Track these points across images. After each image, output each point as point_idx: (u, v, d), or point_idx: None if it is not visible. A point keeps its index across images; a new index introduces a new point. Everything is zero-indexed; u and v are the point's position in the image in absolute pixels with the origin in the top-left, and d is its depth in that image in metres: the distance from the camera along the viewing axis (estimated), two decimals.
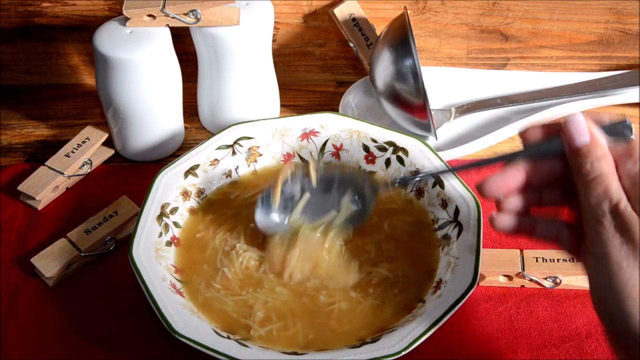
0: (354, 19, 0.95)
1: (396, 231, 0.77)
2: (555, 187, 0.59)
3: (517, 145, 0.60)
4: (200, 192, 0.80)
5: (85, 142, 0.88)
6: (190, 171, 0.80)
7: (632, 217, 0.51)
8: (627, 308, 0.50)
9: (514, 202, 0.58)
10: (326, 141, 0.84)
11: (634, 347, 0.50)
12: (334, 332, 0.69)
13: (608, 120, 0.57)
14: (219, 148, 0.81)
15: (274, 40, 0.95)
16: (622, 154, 0.54)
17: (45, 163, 0.86)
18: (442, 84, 0.96)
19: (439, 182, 0.78)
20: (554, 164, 0.58)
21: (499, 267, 0.75)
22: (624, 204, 0.52)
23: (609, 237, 0.52)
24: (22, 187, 0.84)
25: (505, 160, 0.59)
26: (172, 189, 0.78)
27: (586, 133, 0.55)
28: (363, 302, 0.71)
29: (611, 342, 0.54)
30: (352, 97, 0.94)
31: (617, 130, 0.56)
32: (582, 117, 0.56)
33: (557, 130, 0.57)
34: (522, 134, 0.59)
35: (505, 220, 0.59)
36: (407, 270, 0.74)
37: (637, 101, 0.94)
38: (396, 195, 0.81)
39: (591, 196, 0.53)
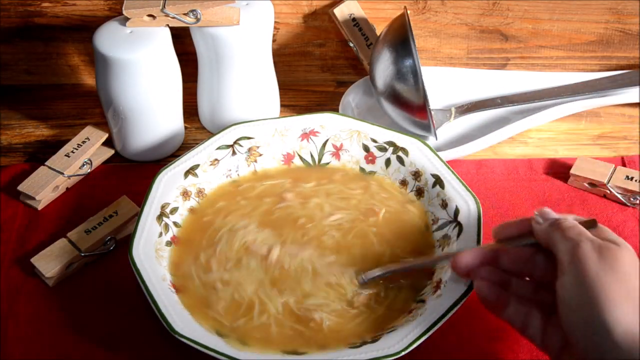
0: (354, 19, 0.95)
1: (396, 230, 0.77)
2: (523, 279, 0.65)
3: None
4: (200, 192, 0.80)
5: (85, 142, 0.88)
6: (190, 171, 0.80)
7: (607, 243, 0.58)
8: (603, 308, 0.54)
9: (486, 273, 0.65)
10: (326, 141, 0.84)
11: (606, 345, 0.54)
12: (333, 332, 0.69)
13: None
14: (219, 148, 0.81)
15: (274, 40, 0.95)
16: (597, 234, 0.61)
17: (45, 163, 0.86)
18: (442, 84, 0.96)
19: (439, 182, 0.78)
20: (523, 251, 0.64)
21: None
22: (598, 240, 0.58)
23: (586, 254, 0.57)
24: (22, 187, 0.84)
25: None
26: (172, 189, 0.78)
27: (555, 214, 0.63)
28: (363, 302, 0.71)
29: (589, 351, 0.56)
30: (352, 97, 0.94)
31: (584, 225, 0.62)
32: (548, 209, 0.63)
33: (527, 228, 0.64)
34: (496, 233, 0.66)
35: (484, 288, 0.64)
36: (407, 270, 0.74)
37: (637, 101, 0.94)
38: (398, 195, 0.81)
39: (569, 234, 0.59)
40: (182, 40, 0.92)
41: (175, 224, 0.77)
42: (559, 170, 0.88)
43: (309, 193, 0.80)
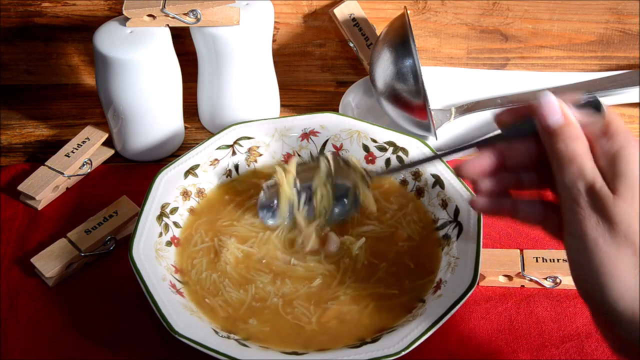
0: (354, 19, 0.95)
1: (397, 230, 0.77)
2: (533, 169, 0.59)
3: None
4: (200, 192, 0.80)
5: (85, 142, 0.88)
6: (190, 171, 0.80)
7: (608, 196, 0.51)
8: (604, 284, 0.51)
9: (489, 183, 0.59)
10: (326, 141, 0.84)
11: (612, 320, 0.51)
12: (333, 332, 0.69)
13: (579, 99, 0.57)
14: (219, 148, 0.81)
15: (274, 40, 0.95)
16: (596, 133, 0.54)
17: (45, 163, 0.86)
18: (442, 84, 0.96)
19: (439, 182, 0.78)
20: (529, 146, 0.58)
21: (499, 267, 0.75)
22: (600, 183, 0.52)
23: (584, 215, 0.52)
24: (22, 187, 0.84)
25: (485, 144, 0.60)
26: (172, 189, 0.78)
27: (558, 112, 0.55)
28: (363, 302, 0.71)
29: (595, 319, 0.55)
30: (352, 97, 0.94)
31: (588, 108, 0.56)
32: (553, 97, 0.55)
33: (530, 113, 0.57)
34: (497, 118, 0.59)
35: (483, 201, 0.60)
36: (408, 271, 0.74)
37: (637, 101, 0.94)
38: (399, 195, 0.81)
39: (566, 176, 0.53)
40: (182, 40, 0.92)
41: (175, 224, 0.77)
42: None
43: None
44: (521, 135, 0.58)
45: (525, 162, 0.59)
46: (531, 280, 0.75)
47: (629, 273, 0.50)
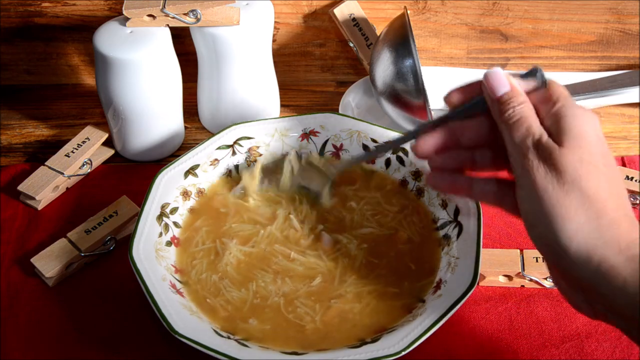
0: (354, 19, 0.95)
1: (397, 232, 0.77)
2: (487, 147, 0.63)
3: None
4: (200, 192, 0.80)
5: (85, 142, 0.88)
6: (190, 171, 0.80)
7: (554, 147, 0.55)
8: (556, 226, 0.54)
9: (442, 160, 0.63)
10: (326, 141, 0.84)
11: (566, 262, 0.54)
12: (334, 332, 0.69)
13: (521, 72, 0.61)
14: (219, 148, 0.81)
15: (274, 40, 0.95)
16: (541, 99, 0.59)
17: (45, 163, 0.86)
18: (442, 84, 0.96)
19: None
20: (481, 123, 0.62)
21: (499, 267, 0.75)
22: (546, 137, 0.56)
23: (533, 166, 0.55)
24: (22, 187, 0.84)
25: (439, 123, 0.64)
26: (172, 189, 0.78)
27: (506, 84, 0.59)
28: (364, 300, 0.71)
29: (550, 269, 0.58)
30: (352, 97, 0.94)
31: (532, 80, 0.60)
32: (500, 70, 0.60)
33: (478, 90, 0.62)
34: (446, 98, 0.64)
35: (437, 178, 0.64)
36: (408, 271, 0.74)
37: (637, 101, 0.94)
38: (400, 196, 0.81)
39: (515, 136, 0.57)
40: (182, 40, 0.92)
41: (175, 224, 0.77)
42: None
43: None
44: (472, 113, 0.62)
45: (479, 139, 0.63)
46: (531, 280, 0.75)
47: (579, 215, 0.53)
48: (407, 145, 0.79)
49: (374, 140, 0.83)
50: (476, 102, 0.62)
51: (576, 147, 0.55)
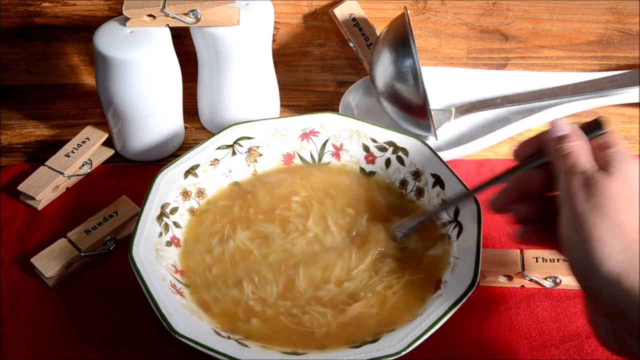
0: (354, 19, 0.95)
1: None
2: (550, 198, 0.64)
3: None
4: (200, 192, 0.80)
5: (85, 142, 0.88)
6: (190, 171, 0.80)
7: (599, 177, 0.57)
8: (591, 248, 0.55)
9: (522, 211, 0.65)
10: (326, 141, 0.84)
11: (598, 284, 0.55)
12: (334, 332, 0.69)
13: (585, 123, 0.64)
14: (219, 148, 0.81)
15: (274, 40, 0.95)
16: (599, 145, 0.61)
17: (45, 163, 0.86)
18: (442, 84, 0.96)
19: (439, 182, 0.78)
20: (546, 172, 0.64)
21: (499, 267, 0.75)
22: (593, 169, 0.59)
23: (575, 192, 0.57)
24: (22, 187, 0.84)
25: (507, 177, 0.66)
26: (172, 189, 0.78)
27: (567, 128, 0.63)
28: (363, 302, 0.71)
29: (584, 291, 0.58)
30: (352, 97, 0.94)
31: (593, 130, 0.63)
32: (563, 119, 0.63)
33: (544, 142, 0.64)
34: (514, 152, 0.66)
35: (525, 233, 0.65)
36: (408, 270, 0.74)
37: (637, 101, 0.94)
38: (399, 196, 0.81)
39: (564, 165, 0.60)
40: (182, 40, 0.92)
41: (175, 224, 0.77)
42: None
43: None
44: (539, 164, 0.64)
45: (544, 188, 0.64)
46: (531, 280, 0.75)
47: (614, 242, 0.55)
48: (455, 185, 0.77)
49: (373, 140, 0.83)
50: (541, 154, 0.64)
51: (622, 182, 0.57)
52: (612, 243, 0.55)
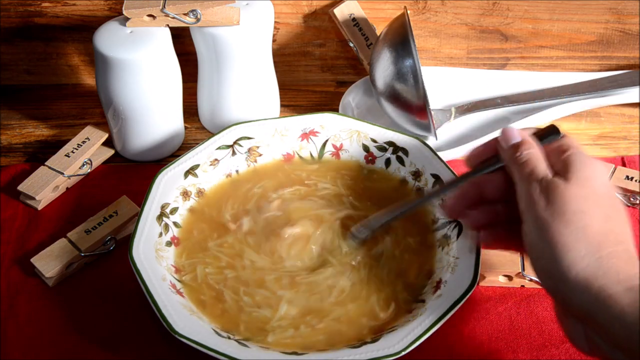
0: (354, 19, 0.95)
1: (397, 231, 0.77)
2: (504, 202, 0.65)
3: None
4: (200, 192, 0.80)
5: (85, 142, 0.88)
6: (190, 171, 0.80)
7: (559, 182, 0.58)
8: (557, 254, 0.55)
9: (476, 216, 0.65)
10: (326, 141, 0.84)
11: (566, 289, 0.55)
12: (334, 332, 0.69)
13: (538, 129, 0.65)
14: (219, 148, 0.81)
15: (274, 40, 0.95)
16: (554, 150, 0.61)
17: (45, 163, 0.86)
18: (442, 84, 0.96)
19: (439, 182, 0.78)
20: (499, 177, 0.64)
21: (499, 267, 0.75)
22: (551, 176, 0.59)
23: (535, 200, 0.58)
24: (22, 187, 0.84)
25: (461, 182, 0.67)
26: (172, 189, 0.78)
27: (518, 136, 0.63)
28: (363, 302, 0.71)
29: (555, 304, 0.59)
30: (352, 97, 0.94)
31: (547, 136, 0.63)
32: (513, 127, 0.64)
33: (494, 149, 0.65)
34: (467, 160, 0.66)
35: (486, 236, 0.66)
36: (394, 285, 0.73)
37: (637, 101, 0.94)
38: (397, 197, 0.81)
39: (522, 174, 0.60)
40: (182, 40, 0.92)
41: (175, 224, 0.77)
42: None
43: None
44: (491, 169, 0.65)
45: (500, 193, 0.64)
46: (531, 280, 0.75)
47: (579, 246, 0.55)
48: (434, 201, 0.77)
49: (373, 140, 0.83)
50: (494, 160, 0.65)
51: (582, 186, 0.57)
52: (576, 247, 0.55)
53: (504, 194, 0.64)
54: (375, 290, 0.72)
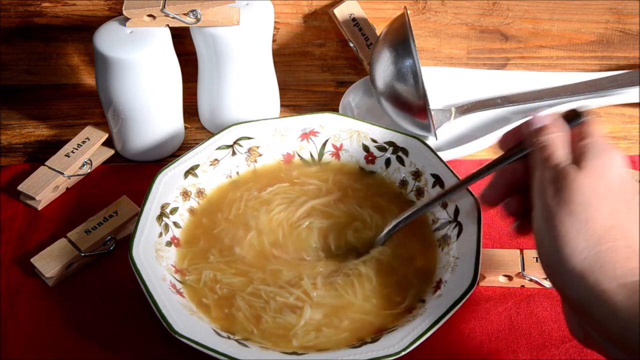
0: (354, 19, 0.95)
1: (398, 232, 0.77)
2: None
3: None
4: (200, 192, 0.80)
5: (85, 142, 0.88)
6: (190, 171, 0.80)
7: (570, 172, 0.57)
8: (557, 243, 0.55)
9: (515, 204, 0.64)
10: (326, 141, 0.84)
11: (564, 279, 0.55)
12: (333, 332, 0.69)
13: (569, 111, 0.64)
14: (219, 148, 0.81)
15: (274, 40, 0.95)
16: (577, 136, 0.61)
17: (45, 163, 0.86)
18: (442, 84, 0.96)
19: (439, 182, 0.78)
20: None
21: (499, 267, 0.75)
22: (565, 162, 0.58)
23: (545, 186, 0.57)
24: (22, 187, 0.84)
25: (493, 168, 0.66)
26: (172, 189, 0.78)
27: (545, 120, 0.62)
28: (363, 302, 0.71)
29: (553, 285, 0.58)
30: (352, 97, 0.94)
31: (572, 117, 0.63)
32: (542, 113, 0.64)
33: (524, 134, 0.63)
34: (500, 143, 0.66)
35: (520, 224, 0.65)
36: (407, 270, 0.74)
37: (637, 101, 0.94)
38: (397, 197, 0.81)
39: (539, 157, 0.60)
40: (182, 40, 0.92)
41: (175, 224, 0.77)
42: None
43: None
44: (520, 156, 0.64)
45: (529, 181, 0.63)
46: (531, 280, 0.75)
47: (579, 238, 0.55)
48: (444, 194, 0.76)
49: (373, 140, 0.83)
50: (523, 147, 0.64)
51: (593, 176, 0.57)
52: (577, 239, 0.55)
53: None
54: (390, 281, 0.73)
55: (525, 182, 0.63)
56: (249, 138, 0.83)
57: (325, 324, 0.69)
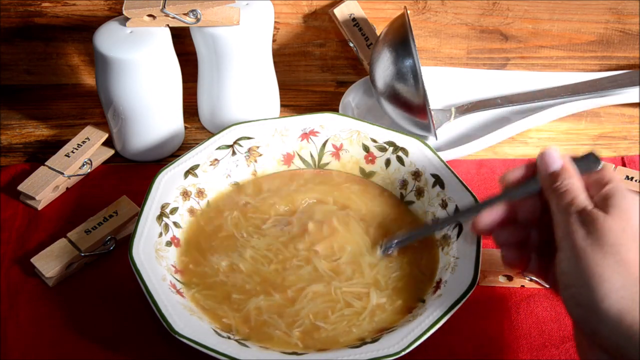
0: (354, 19, 0.95)
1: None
2: (536, 228, 0.65)
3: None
4: (200, 192, 0.80)
5: (85, 142, 0.88)
6: (190, 171, 0.80)
7: (598, 214, 0.57)
8: (592, 283, 0.55)
9: (507, 235, 0.65)
10: (326, 141, 0.84)
11: (597, 320, 0.54)
12: (333, 332, 0.69)
13: (577, 155, 0.64)
14: (219, 148, 0.81)
15: (274, 40, 0.95)
16: (593, 181, 0.61)
17: (45, 163, 0.86)
18: (442, 84, 0.96)
19: (439, 182, 0.78)
20: (534, 202, 0.64)
21: (499, 267, 0.75)
22: (591, 207, 0.58)
23: (574, 229, 0.57)
24: (22, 187, 0.84)
25: (492, 203, 0.65)
26: (172, 189, 0.78)
27: (559, 161, 0.62)
28: (363, 302, 0.71)
29: (576, 332, 0.59)
30: (352, 97, 0.94)
31: (586, 163, 0.63)
32: (555, 149, 0.63)
33: (533, 172, 0.64)
34: (502, 179, 0.66)
35: (509, 255, 0.65)
36: (407, 270, 0.74)
37: (637, 101, 0.94)
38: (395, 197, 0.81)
39: (561, 203, 0.60)
40: (182, 40, 0.92)
41: (175, 224, 0.77)
42: None
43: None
44: (527, 193, 0.64)
45: (533, 218, 0.64)
46: (531, 280, 0.75)
47: (615, 278, 0.54)
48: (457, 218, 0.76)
49: (373, 140, 0.83)
50: (531, 183, 0.64)
51: (621, 218, 0.57)
52: (613, 279, 0.54)
53: (537, 218, 0.64)
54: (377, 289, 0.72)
55: (525, 217, 0.64)
56: (249, 138, 0.83)
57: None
